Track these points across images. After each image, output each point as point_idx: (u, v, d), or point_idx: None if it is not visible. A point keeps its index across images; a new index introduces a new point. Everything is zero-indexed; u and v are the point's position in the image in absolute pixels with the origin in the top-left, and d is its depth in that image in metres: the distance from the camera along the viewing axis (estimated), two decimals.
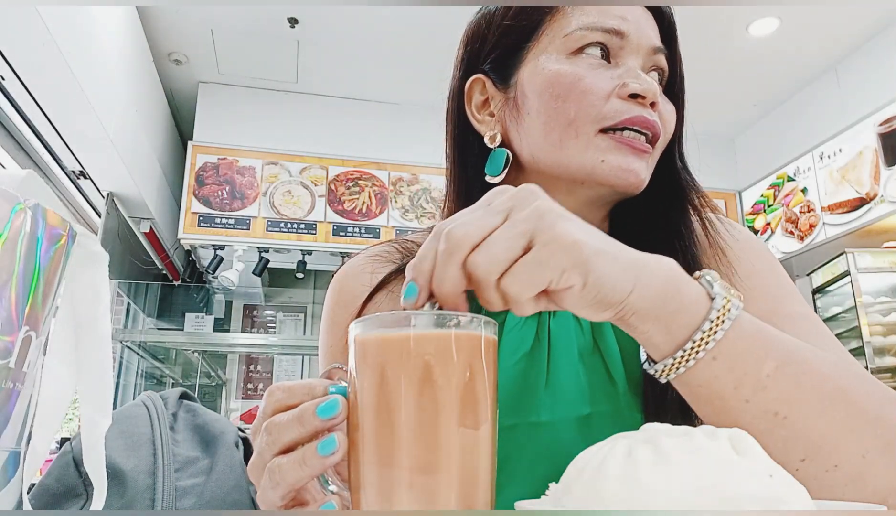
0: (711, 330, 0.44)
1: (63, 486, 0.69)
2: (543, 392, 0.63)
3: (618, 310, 0.42)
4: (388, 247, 0.75)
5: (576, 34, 0.63)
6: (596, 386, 0.63)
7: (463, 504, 0.38)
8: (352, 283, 0.73)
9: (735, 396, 0.45)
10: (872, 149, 3.33)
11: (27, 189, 0.41)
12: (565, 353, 0.65)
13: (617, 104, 0.61)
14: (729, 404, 0.45)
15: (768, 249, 0.73)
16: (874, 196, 3.30)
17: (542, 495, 0.39)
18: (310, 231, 3.74)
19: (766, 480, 0.33)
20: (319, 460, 0.39)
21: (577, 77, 0.62)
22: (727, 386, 0.45)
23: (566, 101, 0.62)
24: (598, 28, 0.63)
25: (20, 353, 0.39)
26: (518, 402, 0.63)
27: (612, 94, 0.62)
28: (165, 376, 4.46)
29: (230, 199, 3.69)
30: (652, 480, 0.34)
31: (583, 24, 0.63)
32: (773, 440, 0.44)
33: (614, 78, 0.62)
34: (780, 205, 3.96)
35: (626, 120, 0.61)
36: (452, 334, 0.38)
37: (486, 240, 0.40)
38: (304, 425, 0.40)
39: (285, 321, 4.87)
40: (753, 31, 3.37)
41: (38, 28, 2.05)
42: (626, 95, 0.61)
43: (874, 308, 3.26)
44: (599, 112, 0.61)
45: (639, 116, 0.61)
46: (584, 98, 0.62)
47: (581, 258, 0.40)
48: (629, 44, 0.63)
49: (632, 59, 0.63)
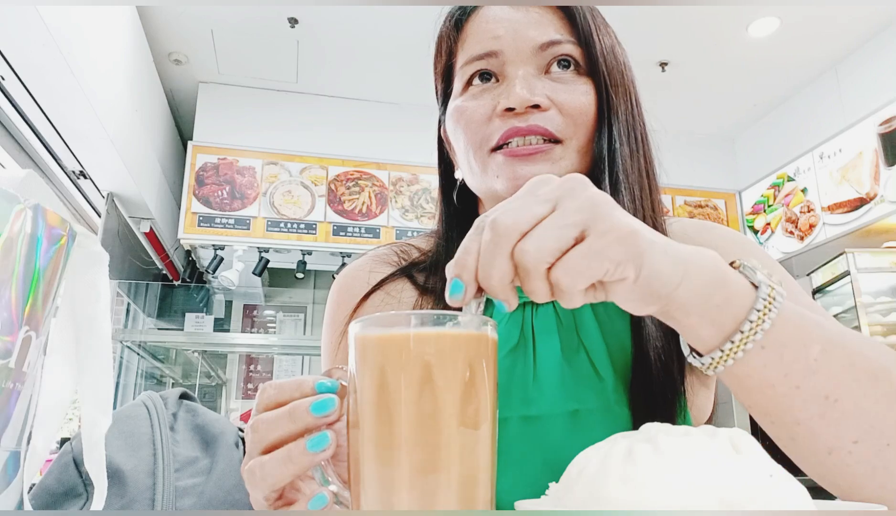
0: (759, 319, 0.43)
1: (63, 486, 0.69)
2: (531, 387, 0.64)
3: (664, 303, 0.42)
4: (388, 250, 0.78)
5: (460, 71, 0.68)
6: (582, 382, 0.64)
7: (463, 503, 0.38)
8: (352, 283, 0.75)
9: (785, 383, 0.44)
10: (872, 149, 3.33)
11: (27, 189, 0.41)
12: (548, 350, 0.66)
13: (496, 123, 0.65)
14: (779, 391, 0.45)
15: (761, 247, 0.73)
16: (874, 196, 3.30)
17: (542, 495, 0.39)
18: (310, 231, 3.74)
19: (765, 480, 0.33)
20: (308, 457, 0.39)
21: (461, 110, 0.67)
22: (777, 373, 0.44)
23: (459, 133, 0.68)
24: (472, 58, 0.67)
25: (20, 353, 0.39)
26: (507, 397, 0.64)
27: (493, 115, 0.65)
28: (165, 376, 4.46)
29: (230, 199, 3.69)
30: (651, 480, 0.34)
31: (462, 60, 0.68)
32: (826, 423, 0.44)
33: (494, 98, 0.65)
34: (781, 205, 3.96)
35: (503, 136, 0.64)
36: (452, 334, 0.38)
37: (535, 228, 0.39)
38: (294, 422, 0.39)
39: (285, 321, 4.87)
40: (753, 31, 3.37)
41: (38, 28, 2.05)
42: (502, 112, 0.64)
43: (874, 308, 3.26)
44: (483, 135, 0.65)
45: (511, 128, 0.64)
46: (469, 127, 0.66)
47: (637, 250, 0.39)
48: (507, 57, 0.65)
49: (516, 69, 0.65)
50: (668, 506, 0.33)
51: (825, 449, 0.45)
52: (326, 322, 0.76)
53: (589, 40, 0.66)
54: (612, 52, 0.68)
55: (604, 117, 0.66)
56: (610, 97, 0.66)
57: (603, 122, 0.66)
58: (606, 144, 0.66)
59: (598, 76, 0.66)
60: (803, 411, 0.44)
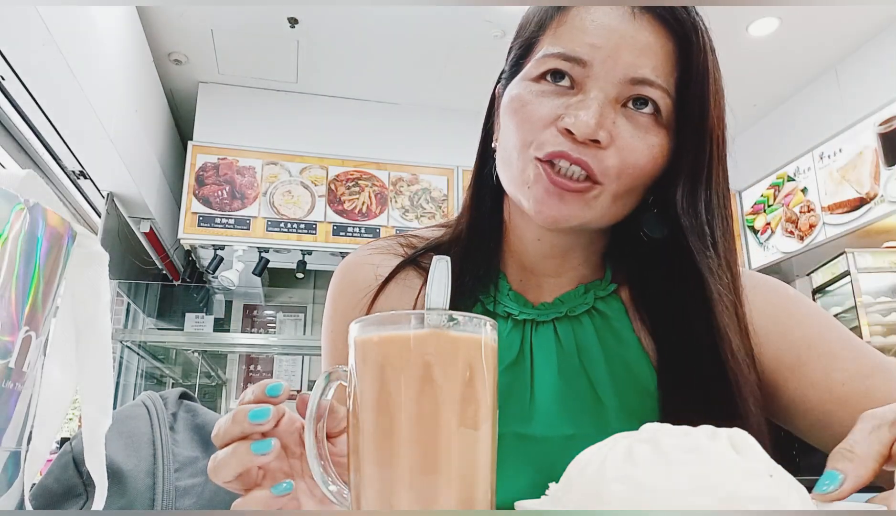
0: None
1: (63, 486, 0.69)
2: (528, 405, 0.64)
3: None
4: (391, 242, 0.77)
5: (541, 58, 0.62)
6: (580, 407, 0.63)
7: (463, 503, 0.38)
8: (354, 274, 0.74)
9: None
10: (872, 149, 3.33)
11: (27, 189, 0.41)
12: (546, 371, 0.65)
13: (549, 135, 0.60)
14: None
15: (796, 304, 0.69)
16: (874, 196, 3.30)
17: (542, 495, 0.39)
18: (310, 231, 3.74)
19: (765, 480, 0.33)
20: (251, 457, 0.42)
21: (522, 103, 0.63)
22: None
23: (514, 123, 0.63)
24: (558, 55, 0.61)
25: (20, 353, 0.39)
26: (503, 412, 0.63)
27: (551, 124, 0.61)
28: (165, 376, 4.46)
29: (230, 199, 3.69)
30: (651, 480, 0.34)
31: (548, 50, 0.62)
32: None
33: (560, 107, 0.60)
34: (780, 205, 3.96)
35: (550, 153, 0.60)
36: (452, 334, 0.38)
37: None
38: (235, 424, 0.43)
39: (285, 321, 4.87)
40: (753, 31, 3.37)
41: (38, 28, 2.05)
42: (563, 128, 0.59)
43: (874, 308, 3.26)
44: (535, 139, 0.61)
45: (561, 151, 0.59)
46: (524, 124, 0.62)
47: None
48: (593, 73, 0.60)
49: (596, 89, 0.59)
50: (667, 506, 0.33)
51: None
52: (329, 317, 0.75)
53: (685, 93, 0.61)
54: (706, 105, 0.62)
55: (678, 171, 0.62)
56: (686, 155, 0.62)
57: (674, 176, 0.62)
58: (673, 202, 0.62)
59: (680, 133, 0.62)
60: None
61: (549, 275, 0.71)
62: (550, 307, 0.69)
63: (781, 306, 0.68)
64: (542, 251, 0.70)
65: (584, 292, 0.70)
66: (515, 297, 0.70)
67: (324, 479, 0.42)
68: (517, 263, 0.72)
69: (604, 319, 0.69)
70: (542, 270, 0.71)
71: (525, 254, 0.71)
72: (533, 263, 0.71)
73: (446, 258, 0.41)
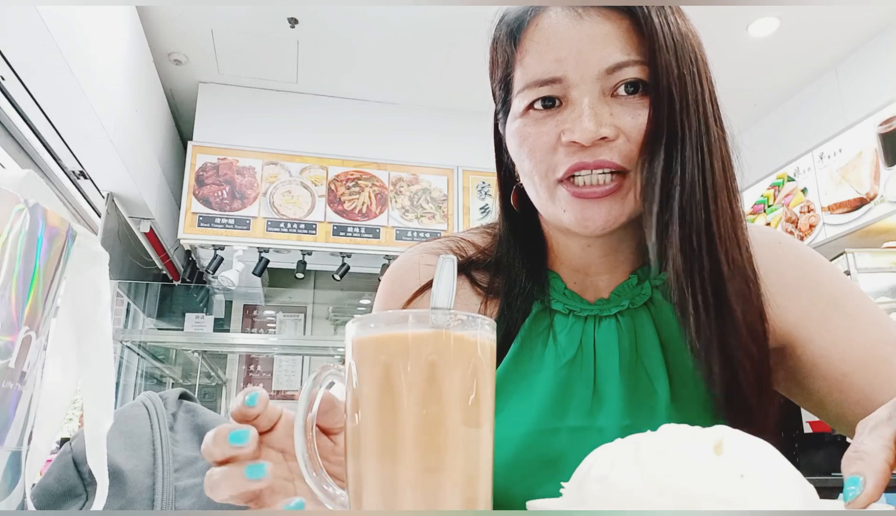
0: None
1: (63, 486, 0.69)
2: (591, 399, 0.66)
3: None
4: (440, 244, 0.78)
5: (522, 94, 0.64)
6: (637, 399, 0.65)
7: (467, 502, 0.38)
8: (404, 275, 0.76)
9: None
10: (872, 149, 3.33)
11: (27, 189, 0.41)
12: (609, 365, 0.67)
13: (562, 155, 0.62)
14: None
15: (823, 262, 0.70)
16: (874, 196, 3.30)
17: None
18: (310, 231, 3.74)
19: (734, 481, 0.33)
20: (242, 481, 0.41)
21: (524, 135, 0.64)
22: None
23: (524, 158, 0.65)
24: (534, 83, 0.63)
25: (20, 353, 0.39)
26: (560, 407, 0.65)
27: (557, 145, 0.62)
28: (165, 376, 4.46)
29: (230, 199, 3.69)
30: (622, 480, 0.35)
31: (523, 81, 0.64)
32: None
33: (558, 126, 0.62)
34: (780, 205, 3.96)
35: (569, 170, 0.62)
36: (453, 334, 0.39)
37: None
38: (217, 447, 0.42)
39: (285, 321, 4.87)
40: (753, 31, 3.37)
41: (38, 28, 2.05)
42: (569, 143, 0.61)
43: None
44: (549, 165, 0.63)
45: (578, 163, 0.61)
46: (534, 155, 0.64)
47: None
48: (571, 82, 0.61)
49: (581, 95, 0.61)
50: (634, 506, 0.34)
51: None
52: (377, 310, 0.76)
53: (655, 56, 0.61)
54: (678, 60, 0.62)
55: (670, 135, 0.61)
56: (672, 116, 0.61)
57: (667, 140, 0.62)
58: (665, 166, 0.61)
59: (659, 96, 0.61)
60: None
61: (602, 272, 0.72)
62: (608, 302, 0.71)
63: (812, 262, 0.70)
64: (595, 254, 0.71)
65: (636, 283, 0.71)
66: (572, 296, 0.72)
67: (319, 486, 0.42)
68: (568, 268, 0.73)
69: (658, 308, 0.70)
70: (597, 270, 0.72)
71: (575, 259, 0.72)
72: (586, 265, 0.72)
73: (452, 258, 0.41)
